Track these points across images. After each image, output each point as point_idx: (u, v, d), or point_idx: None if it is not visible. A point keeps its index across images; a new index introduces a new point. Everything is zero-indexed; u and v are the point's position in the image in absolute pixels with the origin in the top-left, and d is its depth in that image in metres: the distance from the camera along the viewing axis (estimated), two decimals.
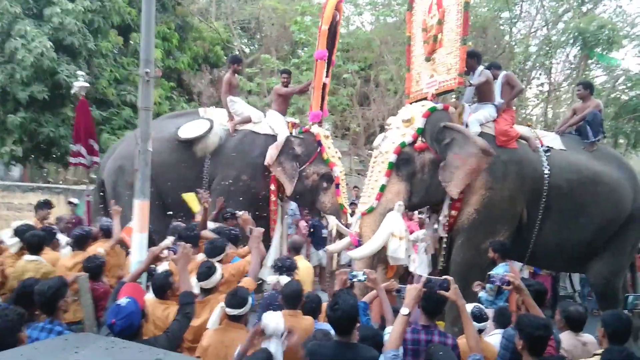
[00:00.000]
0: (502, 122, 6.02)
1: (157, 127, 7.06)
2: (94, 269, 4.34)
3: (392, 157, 5.77)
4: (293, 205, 8.60)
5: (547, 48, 13.97)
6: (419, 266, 6.68)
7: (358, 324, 3.04)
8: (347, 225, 7.17)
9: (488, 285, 5.06)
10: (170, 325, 3.06)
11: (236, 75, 7.78)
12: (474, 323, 3.54)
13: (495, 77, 6.38)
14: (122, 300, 2.80)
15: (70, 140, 10.93)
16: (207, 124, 7.07)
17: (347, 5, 14.90)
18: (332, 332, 3.01)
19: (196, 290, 3.62)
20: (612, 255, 6.19)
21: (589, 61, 13.91)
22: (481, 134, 5.86)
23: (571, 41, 13.37)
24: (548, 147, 6.08)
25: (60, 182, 14.41)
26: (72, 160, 7.45)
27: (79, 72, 7.79)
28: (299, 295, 3.65)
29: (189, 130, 7.05)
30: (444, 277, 3.12)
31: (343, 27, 14.30)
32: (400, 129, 5.97)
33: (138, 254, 3.95)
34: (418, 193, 5.86)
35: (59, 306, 3.14)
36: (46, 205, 6.90)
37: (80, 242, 4.93)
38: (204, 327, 3.38)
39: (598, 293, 6.64)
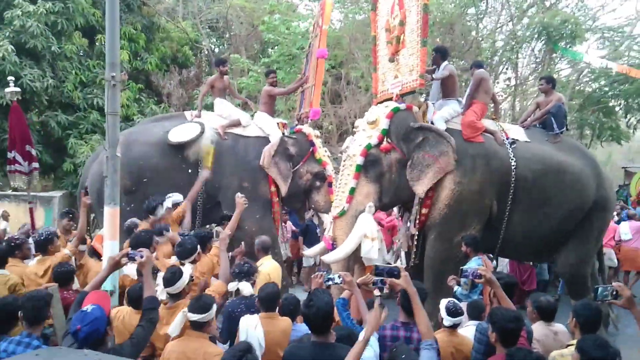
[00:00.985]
0: (470, 115, 6.11)
1: (143, 131, 7.10)
2: (64, 275, 4.22)
3: (359, 160, 5.87)
4: None
5: (513, 43, 14.25)
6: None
7: (334, 324, 3.06)
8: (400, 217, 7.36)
9: (462, 280, 5.15)
10: (135, 331, 2.98)
11: (224, 77, 7.69)
12: (450, 318, 3.61)
13: (437, 65, 6.54)
14: (88, 307, 2.76)
15: (36, 146, 10.65)
16: (198, 127, 6.89)
17: (316, 3, 14.92)
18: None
19: (162, 296, 3.55)
20: (579, 244, 6.35)
21: (554, 55, 14.24)
22: (447, 130, 5.96)
23: (536, 36, 13.65)
24: (513, 139, 6.19)
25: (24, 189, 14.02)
26: (9, 168, 7.10)
27: (10, 78, 7.47)
28: (275, 297, 3.64)
29: (179, 133, 6.85)
30: (394, 264, 3.21)
31: (312, 26, 14.32)
32: (366, 131, 6.08)
33: (110, 262, 3.87)
34: (388, 193, 5.97)
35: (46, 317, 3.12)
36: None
37: (43, 247, 4.76)
38: None
39: (567, 281, 6.86)
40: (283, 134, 7.13)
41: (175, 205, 6.19)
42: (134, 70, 12.30)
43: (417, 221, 6.02)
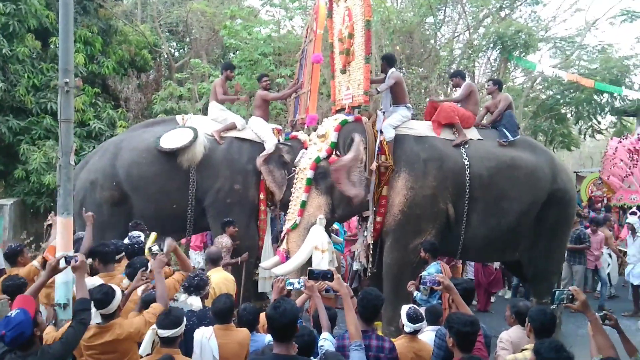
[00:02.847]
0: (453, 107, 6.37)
1: (133, 138, 6.89)
2: (13, 288, 4.05)
3: (309, 173, 5.96)
4: None
5: (470, 52, 14.64)
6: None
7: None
8: (335, 231, 7.52)
9: (421, 286, 5.23)
10: (65, 332, 3.03)
11: (227, 81, 7.60)
12: (411, 324, 3.66)
13: (457, 85, 6.83)
14: (12, 312, 2.83)
15: None
16: (190, 132, 6.64)
17: (278, 9, 14.92)
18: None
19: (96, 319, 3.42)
20: (540, 240, 6.40)
21: (509, 64, 14.70)
22: (397, 137, 6.04)
23: (491, 45, 14.08)
24: (465, 140, 6.27)
25: None
26: None
27: None
28: (228, 309, 3.60)
29: (171, 139, 6.58)
30: (327, 268, 3.29)
31: (274, 32, 14.32)
32: (317, 144, 6.13)
33: (64, 274, 3.74)
34: (340, 205, 6.02)
35: None
36: None
37: (13, 259, 4.71)
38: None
39: (530, 279, 6.90)
40: (278, 140, 7.02)
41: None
42: (90, 74, 11.94)
43: (373, 230, 6.07)
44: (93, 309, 3.36)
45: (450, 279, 3.69)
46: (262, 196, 6.91)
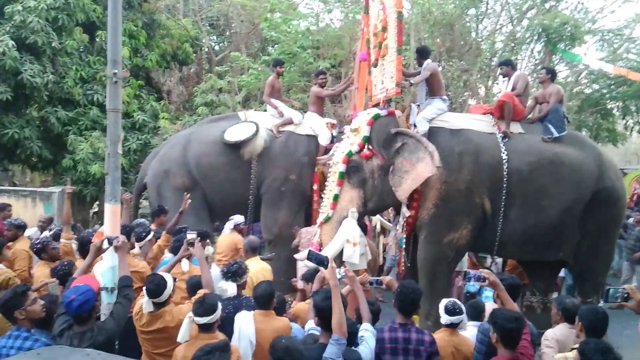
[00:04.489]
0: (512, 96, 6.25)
1: (201, 131, 7.55)
2: (63, 274, 4.24)
3: (342, 167, 5.96)
4: None
5: (513, 44, 14.27)
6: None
7: None
8: (390, 221, 7.75)
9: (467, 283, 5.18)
10: (114, 308, 3.34)
11: (279, 78, 7.93)
12: (448, 316, 3.63)
13: (507, 75, 6.64)
14: (78, 284, 3.19)
15: (36, 142, 10.67)
16: (253, 127, 7.15)
17: (316, 2, 14.91)
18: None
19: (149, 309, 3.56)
20: (586, 239, 6.17)
21: (553, 57, 14.25)
22: (431, 130, 5.96)
23: (535, 37, 13.66)
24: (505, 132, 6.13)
25: (27, 184, 14.04)
26: None
27: None
28: (269, 295, 3.66)
29: (235, 133, 7.13)
30: (325, 254, 3.26)
31: (313, 25, 14.34)
32: (350, 138, 6.13)
33: (110, 259, 3.87)
34: (372, 199, 5.99)
35: (15, 317, 3.08)
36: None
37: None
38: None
39: (576, 279, 6.72)
40: (332, 134, 7.30)
41: (237, 226, 6.55)
42: (135, 67, 12.28)
43: (405, 223, 6.02)
44: (146, 297, 3.52)
45: (496, 274, 3.62)
46: (315, 187, 7.19)
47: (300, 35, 12.74)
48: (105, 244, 3.66)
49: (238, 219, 6.64)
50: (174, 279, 3.75)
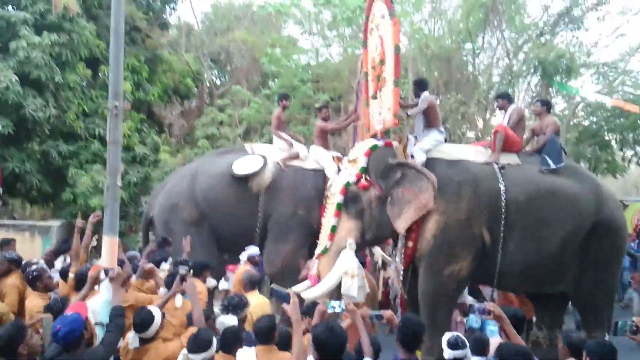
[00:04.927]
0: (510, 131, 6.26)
1: (208, 164, 7.51)
2: (58, 311, 4.16)
3: (339, 198, 5.92)
4: None
5: (509, 77, 14.46)
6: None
7: None
8: (390, 255, 7.51)
9: (471, 316, 5.09)
10: (104, 336, 3.30)
11: (284, 111, 8.02)
12: (451, 351, 3.55)
13: (503, 108, 6.67)
14: (67, 313, 3.18)
15: (36, 175, 10.68)
16: (260, 160, 7.12)
17: (316, 37, 15.21)
18: None
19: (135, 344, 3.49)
20: (587, 271, 6.09)
21: (550, 89, 14.43)
22: (429, 161, 5.97)
23: (532, 70, 13.86)
24: (503, 164, 6.11)
25: (27, 218, 13.99)
26: None
27: None
28: (271, 329, 3.55)
29: (243, 166, 7.08)
30: (289, 290, 3.25)
31: (312, 59, 14.59)
32: (348, 169, 6.13)
33: (106, 293, 3.82)
34: (370, 230, 5.93)
35: (19, 352, 3.00)
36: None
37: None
38: None
39: (579, 311, 6.59)
40: (338, 167, 7.20)
41: (252, 258, 6.46)
42: (136, 100, 12.41)
43: (403, 256, 5.97)
44: (132, 332, 3.44)
45: (501, 308, 3.55)
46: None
47: (300, 69, 12.99)
48: (102, 276, 3.68)
49: (253, 250, 6.54)
50: (163, 314, 3.66)
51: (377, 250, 7.98)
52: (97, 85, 11.98)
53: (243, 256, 6.45)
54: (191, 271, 4.26)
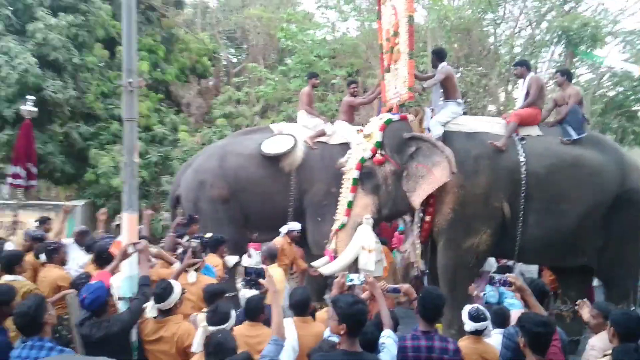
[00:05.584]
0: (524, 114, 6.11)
1: (236, 144, 7.59)
2: (82, 284, 4.24)
3: (355, 174, 5.88)
4: None
5: (532, 48, 14.04)
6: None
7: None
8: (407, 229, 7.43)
9: (488, 287, 5.03)
10: (131, 303, 3.53)
11: (313, 89, 8.05)
12: (472, 323, 3.51)
13: (522, 77, 6.48)
14: (92, 282, 3.48)
15: (59, 157, 10.86)
16: (291, 139, 7.19)
17: (332, 11, 14.97)
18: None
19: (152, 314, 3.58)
20: (611, 243, 5.97)
21: (574, 59, 14.00)
22: (446, 134, 5.86)
23: (555, 40, 13.43)
24: (523, 136, 5.99)
25: (52, 198, 14.25)
26: (11, 180, 7.40)
27: (29, 97, 7.73)
28: (306, 301, 3.65)
29: (273, 145, 7.16)
30: (261, 266, 3.32)
31: (329, 34, 14.37)
32: (363, 144, 6.04)
33: (127, 269, 3.87)
34: (386, 205, 5.89)
35: (44, 323, 3.02)
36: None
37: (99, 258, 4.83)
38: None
39: (604, 284, 6.47)
40: None
41: (290, 232, 6.70)
42: (154, 81, 12.46)
43: (421, 230, 5.93)
44: (151, 302, 3.52)
45: (524, 279, 3.49)
46: None
47: (317, 44, 12.78)
48: (131, 249, 3.79)
49: (293, 225, 6.77)
50: (183, 290, 3.73)
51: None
52: (115, 66, 12.02)
53: (283, 229, 6.65)
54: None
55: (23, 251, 5.11)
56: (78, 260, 5.47)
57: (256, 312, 3.62)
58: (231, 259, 5.85)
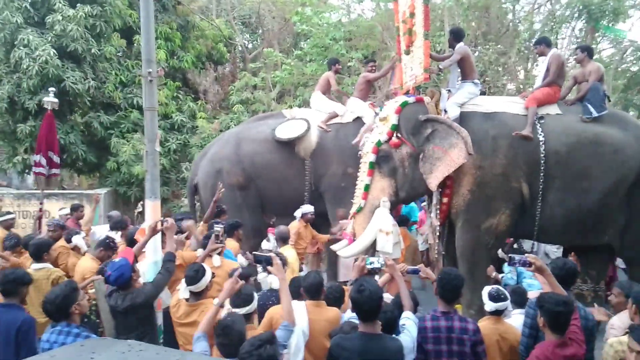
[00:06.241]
0: (540, 95, 6.00)
1: (250, 130, 7.66)
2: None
3: (372, 157, 5.89)
4: None
5: (552, 24, 13.72)
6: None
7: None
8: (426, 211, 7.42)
9: (507, 267, 5.03)
10: (156, 277, 3.71)
11: (335, 75, 8.07)
12: (492, 303, 3.53)
13: (543, 54, 6.39)
14: (115, 259, 3.68)
15: (81, 146, 11.06)
16: (304, 123, 7.25)
17: None
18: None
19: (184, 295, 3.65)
20: (633, 221, 5.87)
21: (596, 34, 13.65)
22: (463, 115, 5.81)
23: (576, 15, 13.09)
24: (542, 114, 5.91)
25: (75, 187, 14.57)
26: (34, 169, 7.67)
27: (50, 89, 7.94)
28: (319, 285, 3.66)
29: (287, 130, 7.23)
30: (270, 253, 3.33)
31: (344, 16, 14.24)
32: (379, 127, 6.03)
33: (152, 255, 3.97)
34: (403, 187, 5.90)
35: (71, 312, 3.12)
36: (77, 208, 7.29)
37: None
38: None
39: (627, 263, 6.42)
40: (375, 113, 7.16)
41: (305, 215, 6.77)
42: (171, 68, 12.53)
43: (439, 212, 5.91)
44: (183, 284, 3.60)
45: (551, 260, 3.48)
46: None
47: (332, 27, 12.68)
48: (159, 226, 3.96)
49: (307, 208, 6.83)
50: (213, 274, 3.80)
51: None
52: (133, 55, 12.14)
53: (297, 213, 6.71)
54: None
55: (52, 240, 5.27)
56: None
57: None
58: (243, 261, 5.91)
